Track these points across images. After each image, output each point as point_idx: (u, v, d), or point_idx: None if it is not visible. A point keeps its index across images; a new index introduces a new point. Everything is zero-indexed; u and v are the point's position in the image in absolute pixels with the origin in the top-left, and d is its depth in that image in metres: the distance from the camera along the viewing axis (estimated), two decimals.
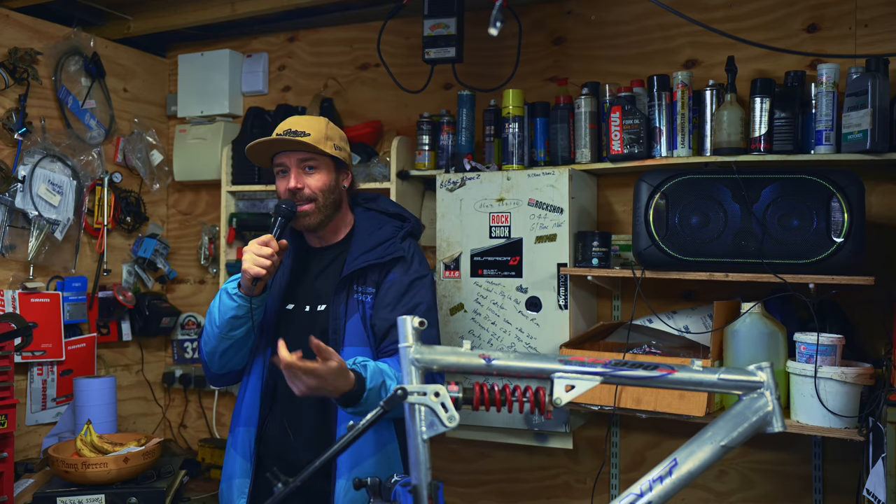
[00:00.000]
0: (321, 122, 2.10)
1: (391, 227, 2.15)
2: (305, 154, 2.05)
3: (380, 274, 2.07)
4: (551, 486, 3.02)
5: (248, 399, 2.08)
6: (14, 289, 2.99)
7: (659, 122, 2.61)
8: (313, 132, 2.04)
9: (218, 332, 2.01)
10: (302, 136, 2.02)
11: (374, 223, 2.15)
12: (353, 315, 2.03)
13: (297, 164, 2.05)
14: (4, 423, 2.59)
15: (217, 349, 2.05)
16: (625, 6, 2.88)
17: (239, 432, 2.08)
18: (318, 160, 2.06)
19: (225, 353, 2.06)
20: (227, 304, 1.97)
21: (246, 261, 1.91)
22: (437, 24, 2.73)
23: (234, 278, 2.01)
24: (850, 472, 2.48)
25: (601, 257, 2.60)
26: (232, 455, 2.09)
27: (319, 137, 2.04)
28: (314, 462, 1.33)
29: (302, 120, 2.09)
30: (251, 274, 1.90)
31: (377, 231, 2.12)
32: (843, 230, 2.22)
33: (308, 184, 2.04)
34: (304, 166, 2.05)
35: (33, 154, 3.04)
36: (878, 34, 2.53)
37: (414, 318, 1.37)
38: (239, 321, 1.98)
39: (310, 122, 2.08)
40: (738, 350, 2.33)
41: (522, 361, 1.37)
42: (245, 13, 3.15)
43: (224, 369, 2.11)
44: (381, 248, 2.08)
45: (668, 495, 1.29)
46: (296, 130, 2.03)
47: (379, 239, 2.10)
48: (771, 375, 1.35)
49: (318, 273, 2.12)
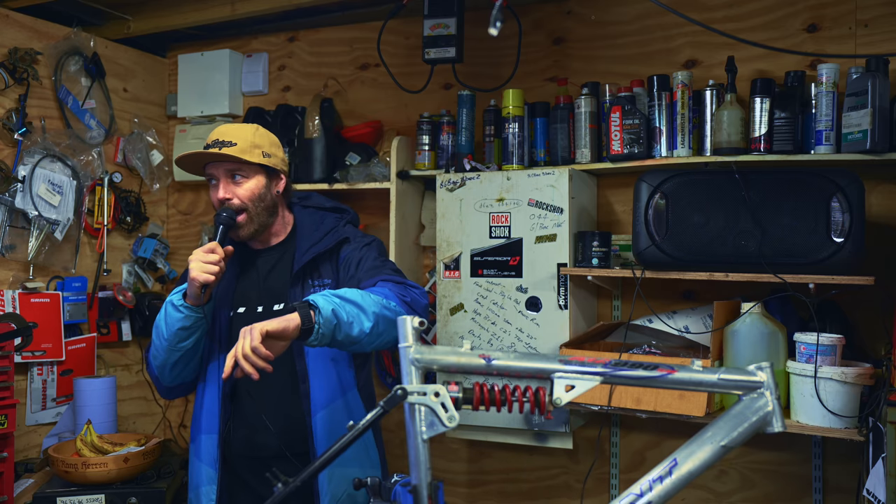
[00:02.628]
0: (249, 130, 2.08)
1: (332, 219, 2.17)
2: (232, 164, 2.04)
3: (330, 261, 2.09)
4: (551, 486, 3.02)
5: (207, 406, 2.09)
6: (14, 289, 2.99)
7: (659, 122, 2.61)
8: (240, 141, 2.03)
9: (167, 345, 2.02)
10: (228, 147, 2.02)
11: (314, 218, 2.17)
12: None
13: (225, 175, 2.05)
14: (4, 423, 2.59)
15: (167, 362, 2.06)
16: (625, 6, 2.88)
17: (201, 440, 2.09)
18: (246, 169, 2.05)
19: (175, 365, 2.07)
20: (174, 315, 1.98)
21: (193, 269, 1.91)
22: (437, 24, 2.73)
23: (178, 290, 2.01)
24: (850, 472, 2.48)
25: (601, 257, 2.60)
26: (196, 464, 2.11)
27: (246, 146, 2.03)
28: (314, 462, 1.34)
29: (230, 129, 2.08)
30: (200, 281, 1.90)
31: (320, 225, 2.14)
32: (843, 230, 2.22)
33: (237, 194, 2.04)
34: (232, 176, 2.05)
35: (33, 154, 3.04)
36: (878, 34, 2.53)
37: (414, 318, 1.37)
38: (187, 332, 2.00)
39: (237, 131, 2.06)
40: (738, 350, 2.33)
41: (522, 361, 1.37)
42: (245, 13, 3.15)
43: (176, 381, 2.12)
44: (326, 237, 2.10)
45: (668, 495, 1.29)
46: (222, 141, 2.03)
47: (323, 231, 2.12)
48: (771, 375, 1.35)
49: (267, 273, 2.13)
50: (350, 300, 1.79)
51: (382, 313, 1.80)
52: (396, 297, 1.88)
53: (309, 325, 1.72)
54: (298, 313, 1.73)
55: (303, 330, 1.72)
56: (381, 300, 1.83)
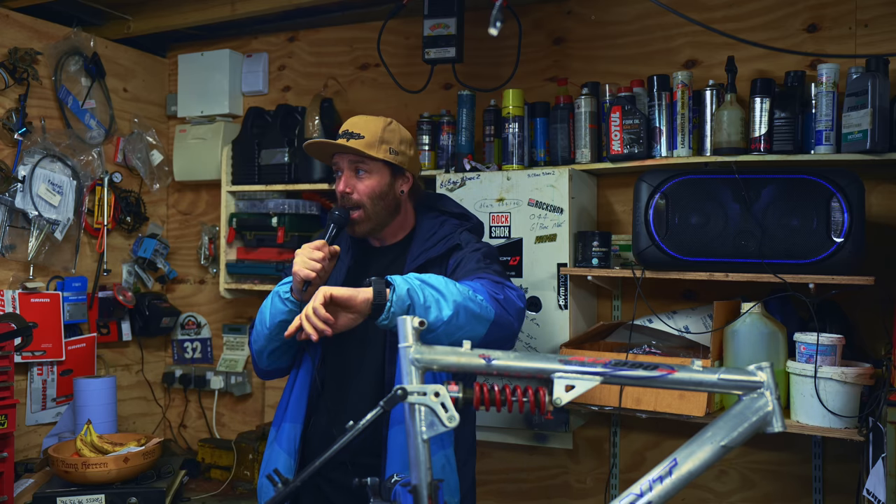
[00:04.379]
0: (380, 123, 2.03)
1: (451, 225, 2.10)
2: (356, 157, 2.00)
3: (440, 267, 2.03)
4: (551, 486, 3.02)
5: (296, 395, 2.05)
6: (14, 289, 2.99)
7: (659, 122, 2.61)
8: (368, 134, 1.98)
9: (267, 334, 1.99)
10: (355, 139, 1.97)
11: (434, 223, 2.10)
12: None
13: (348, 167, 2.01)
14: (4, 423, 2.59)
15: (266, 349, 2.03)
16: (625, 6, 2.88)
17: (285, 428, 2.04)
18: (370, 164, 2.00)
19: (273, 353, 2.04)
20: (279, 307, 1.94)
21: (297, 263, 1.87)
22: (437, 24, 2.73)
23: (286, 281, 1.96)
24: (850, 472, 2.48)
25: (601, 257, 2.60)
26: (276, 450, 2.05)
27: (373, 140, 1.98)
28: (314, 462, 1.34)
29: (361, 120, 2.03)
30: (301, 276, 1.86)
31: (438, 229, 2.08)
32: (843, 230, 2.22)
33: (356, 188, 2.00)
34: (356, 169, 2.01)
35: (33, 154, 3.04)
36: (878, 34, 2.53)
37: (414, 318, 1.37)
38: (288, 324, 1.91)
39: (367, 124, 2.02)
40: (738, 350, 2.33)
41: (522, 361, 1.37)
42: (245, 13, 3.15)
43: (272, 366, 2.09)
44: (439, 243, 2.04)
45: (668, 495, 1.29)
46: (351, 132, 1.99)
47: (439, 237, 2.06)
48: (771, 375, 1.35)
49: (378, 272, 2.03)
50: (431, 285, 1.71)
51: (466, 304, 1.71)
52: (487, 293, 1.79)
53: (381, 301, 1.67)
54: (373, 288, 1.68)
55: (374, 305, 1.68)
56: (468, 292, 1.74)
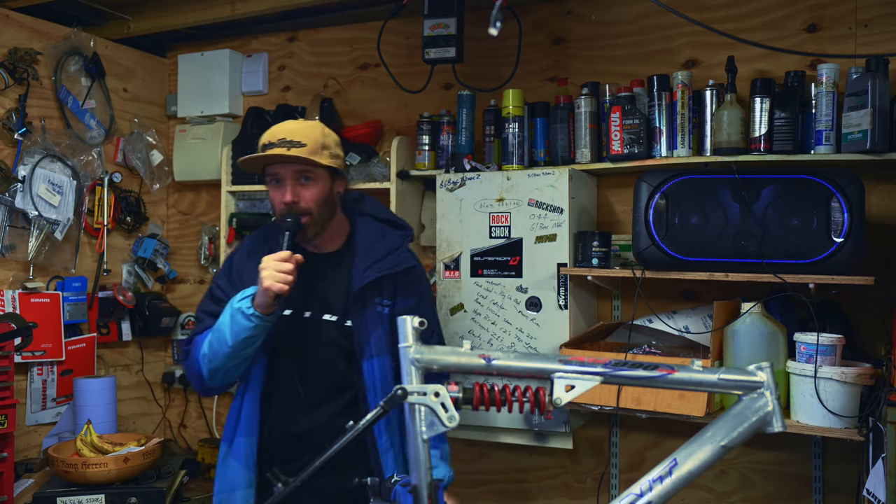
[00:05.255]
0: (317, 129, 1.99)
1: (396, 237, 2.10)
2: (302, 166, 1.95)
3: (393, 284, 2.04)
4: (551, 486, 3.02)
5: (247, 408, 2.02)
6: (14, 289, 2.99)
7: (659, 122, 2.61)
8: (309, 142, 1.93)
9: (229, 352, 1.92)
10: (297, 147, 1.92)
11: (374, 230, 2.10)
12: (377, 328, 1.99)
13: (292, 176, 1.95)
14: (4, 423, 2.59)
15: (223, 367, 1.95)
16: (625, 6, 2.88)
17: (239, 442, 2.02)
18: (314, 171, 1.96)
19: (230, 370, 1.98)
20: (244, 324, 1.87)
21: (267, 278, 1.82)
22: (437, 24, 2.73)
23: (244, 295, 1.90)
24: (850, 472, 2.48)
25: (601, 257, 2.60)
26: (233, 465, 2.02)
27: (315, 148, 1.94)
28: (314, 462, 1.34)
29: (297, 127, 1.97)
30: (275, 291, 1.82)
31: (382, 241, 2.07)
32: (843, 230, 2.22)
33: (303, 196, 1.95)
34: (300, 177, 1.96)
35: (33, 154, 3.04)
36: (878, 34, 2.53)
37: (414, 318, 1.37)
38: (253, 339, 1.91)
39: (305, 131, 1.96)
40: (738, 350, 2.33)
41: (522, 361, 1.37)
42: (245, 13, 3.15)
43: (223, 383, 2.03)
44: (390, 258, 2.03)
45: (668, 495, 1.29)
46: (291, 140, 1.93)
47: (386, 249, 2.05)
48: (771, 375, 1.35)
49: (319, 280, 2.05)
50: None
51: None
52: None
53: None
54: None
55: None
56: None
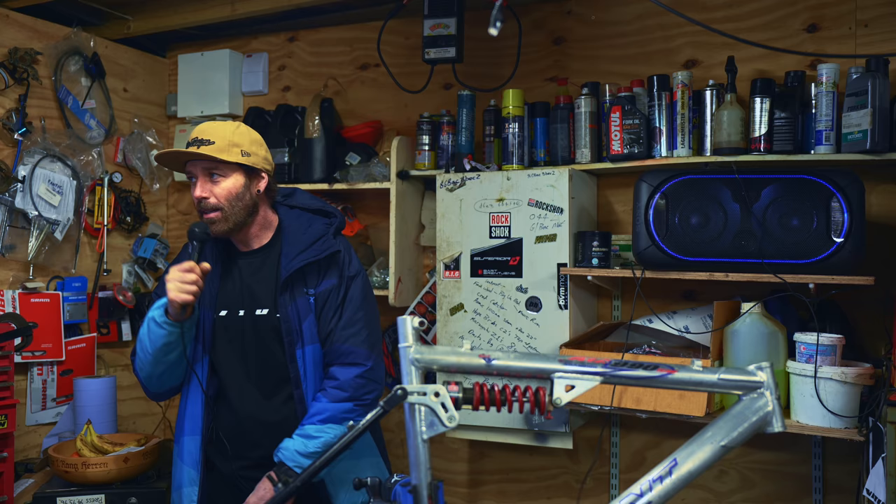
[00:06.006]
0: (228, 128, 2.05)
1: (321, 225, 2.14)
2: (210, 163, 2.01)
3: (318, 272, 2.07)
4: (551, 486, 3.02)
5: (191, 408, 2.10)
6: (14, 289, 2.99)
7: (659, 122, 2.61)
8: (218, 140, 2.00)
9: (151, 360, 2.02)
10: (206, 146, 1.99)
11: (301, 222, 2.14)
12: (308, 316, 2.04)
13: (203, 173, 2.02)
14: (4, 423, 2.59)
15: (153, 373, 2.06)
16: (625, 6, 2.88)
17: (184, 442, 2.10)
18: (223, 168, 2.01)
19: (162, 375, 2.07)
20: (157, 332, 1.98)
21: (171, 290, 1.91)
22: (437, 24, 2.73)
23: (159, 305, 1.99)
24: (850, 472, 2.48)
25: (601, 257, 2.60)
26: (178, 465, 2.11)
27: (223, 145, 2.00)
28: (314, 462, 1.34)
29: (210, 127, 2.04)
30: (179, 301, 1.91)
31: (308, 230, 2.11)
32: (843, 230, 2.22)
33: (213, 192, 2.01)
34: (210, 174, 2.02)
35: (33, 154, 3.04)
36: (878, 34, 2.53)
37: (414, 318, 1.37)
38: (171, 346, 2.00)
39: (216, 129, 2.03)
40: (738, 350, 2.33)
41: (522, 361, 1.37)
42: (245, 13, 3.15)
43: (163, 388, 2.13)
44: (315, 245, 2.08)
45: (668, 495, 1.29)
46: (201, 139, 2.00)
47: (311, 237, 2.09)
48: (771, 375, 1.35)
49: (250, 277, 2.11)
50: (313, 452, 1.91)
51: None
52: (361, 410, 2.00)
53: None
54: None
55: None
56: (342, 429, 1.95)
